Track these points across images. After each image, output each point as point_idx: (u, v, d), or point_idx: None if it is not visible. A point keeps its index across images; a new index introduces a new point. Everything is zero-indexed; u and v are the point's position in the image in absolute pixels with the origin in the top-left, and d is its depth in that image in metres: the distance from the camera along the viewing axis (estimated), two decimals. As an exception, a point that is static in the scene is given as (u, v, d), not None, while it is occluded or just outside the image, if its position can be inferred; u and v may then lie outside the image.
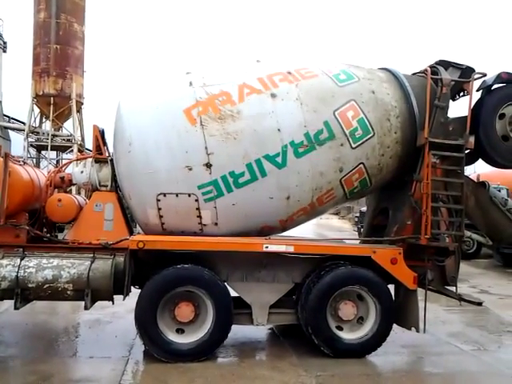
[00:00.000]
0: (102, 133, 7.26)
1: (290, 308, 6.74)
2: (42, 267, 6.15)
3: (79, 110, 31.03)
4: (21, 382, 5.59)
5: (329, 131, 6.60)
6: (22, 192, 6.50)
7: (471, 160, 7.55)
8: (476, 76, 7.23)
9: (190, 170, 6.28)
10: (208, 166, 6.26)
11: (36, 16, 30.09)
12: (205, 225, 6.54)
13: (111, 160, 7.13)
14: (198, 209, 6.42)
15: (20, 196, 6.46)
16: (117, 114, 6.80)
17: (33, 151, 32.54)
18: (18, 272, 6.06)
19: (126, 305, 6.99)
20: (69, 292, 6.15)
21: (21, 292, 6.09)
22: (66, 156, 30.37)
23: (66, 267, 6.18)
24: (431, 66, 7.51)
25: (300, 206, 6.83)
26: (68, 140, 31.06)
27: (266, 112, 6.43)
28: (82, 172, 7.12)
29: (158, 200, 6.37)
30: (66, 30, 29.58)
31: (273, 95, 6.52)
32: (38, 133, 31.31)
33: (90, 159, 7.21)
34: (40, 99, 29.64)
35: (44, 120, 31.65)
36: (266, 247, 6.29)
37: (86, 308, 6.22)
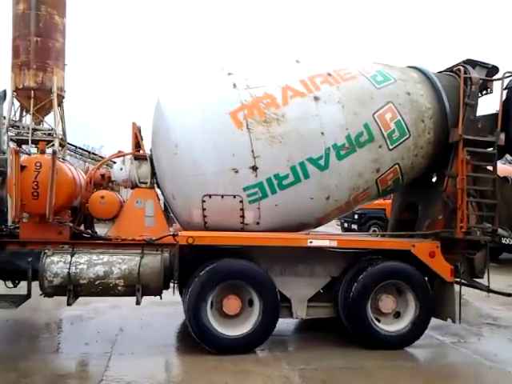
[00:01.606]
0: (139, 130, 7.29)
1: (328, 302, 6.99)
2: (93, 263, 6.26)
3: (60, 104, 30.35)
4: (1, 379, 5.41)
5: (368, 133, 6.77)
6: (68, 189, 6.60)
7: (498, 156, 7.79)
8: (507, 75, 7.42)
9: (236, 172, 6.41)
10: (254, 168, 6.40)
11: (15, 7, 29.00)
12: (247, 224, 6.72)
13: (150, 157, 7.20)
14: (241, 209, 6.58)
15: (66, 193, 6.56)
16: (158, 114, 6.83)
17: (13, 145, 31.78)
18: (69, 268, 6.17)
19: (108, 301, 7.03)
20: (119, 288, 6.28)
21: (73, 288, 6.21)
22: (48, 150, 29.56)
23: (116, 263, 6.31)
24: (459, 65, 7.67)
25: (337, 205, 7.06)
26: (49, 134, 30.26)
27: (310, 115, 6.55)
28: (121, 169, 7.19)
29: (204, 201, 6.50)
30: (46, 22, 28.63)
31: (316, 98, 6.63)
32: (18, 127, 30.46)
33: (129, 156, 7.26)
34: (20, 92, 28.88)
35: (24, 114, 30.84)
36: (311, 242, 6.48)
37: (137, 303, 6.35)
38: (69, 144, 31.60)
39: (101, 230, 7.45)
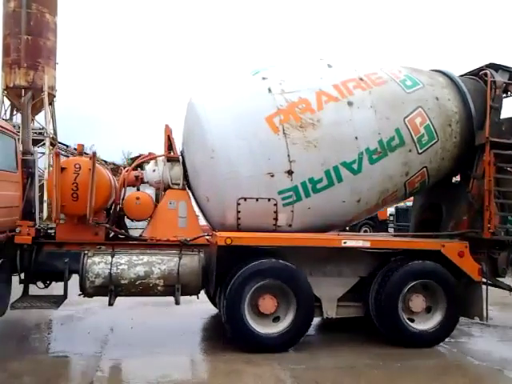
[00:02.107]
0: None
1: (357, 301, 7.14)
2: (133, 264, 6.37)
3: (51, 103, 30.08)
4: (-9, 380, 5.31)
5: (399, 138, 6.91)
6: (106, 191, 6.68)
7: None
8: None
9: (272, 176, 6.53)
10: (289, 172, 6.53)
11: (6, 5, 28.61)
12: (279, 226, 6.85)
13: (182, 159, 7.29)
14: (275, 212, 6.71)
15: (104, 195, 6.65)
16: (192, 117, 6.92)
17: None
18: (111, 269, 6.28)
19: (99, 301, 6.90)
20: (159, 288, 6.39)
21: (114, 288, 6.31)
22: (38, 150, 29.31)
23: (156, 263, 6.41)
24: (482, 69, 7.82)
25: (367, 207, 7.22)
26: (40, 133, 29.88)
27: (344, 120, 6.67)
28: (154, 171, 7.26)
29: (238, 204, 6.62)
30: (37, 20, 28.32)
31: (349, 103, 6.74)
32: (8, 126, 30.11)
33: (161, 158, 7.33)
34: (11, 91, 28.62)
35: (15, 113, 30.42)
36: (345, 243, 6.63)
37: (177, 303, 6.46)
38: (60, 143, 31.28)
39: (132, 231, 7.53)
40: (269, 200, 6.63)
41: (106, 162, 28.38)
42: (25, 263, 6.48)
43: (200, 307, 8.30)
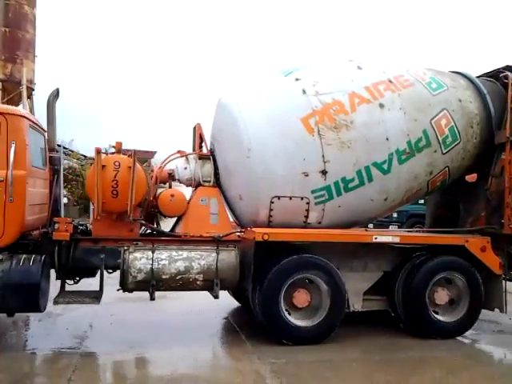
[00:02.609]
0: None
1: (382, 295, 7.41)
2: (173, 259, 6.47)
3: (30, 97, 29.17)
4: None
5: (426, 139, 7.16)
6: (144, 188, 6.75)
7: None
8: None
9: (306, 176, 6.72)
10: (324, 172, 6.72)
11: None
12: (309, 223, 7.06)
13: (213, 156, 7.41)
14: (307, 210, 6.91)
15: (143, 192, 6.73)
16: (226, 117, 7.04)
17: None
18: (152, 264, 6.39)
19: None
20: (198, 282, 6.52)
21: (155, 283, 6.42)
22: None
23: (195, 259, 6.54)
24: (499, 71, 8.11)
25: (392, 205, 7.49)
26: None
27: (376, 121, 6.88)
28: (185, 168, 7.36)
29: (272, 202, 6.80)
30: (15, 12, 27.31)
31: (381, 105, 6.95)
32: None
33: (193, 155, 7.44)
34: None
35: None
36: (376, 238, 6.87)
37: (216, 297, 6.62)
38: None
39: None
40: (302, 199, 6.82)
41: (85, 156, 28.10)
42: (62, 259, 6.54)
43: (178, 303, 8.37)
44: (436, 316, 7.08)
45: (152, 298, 6.45)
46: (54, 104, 7.15)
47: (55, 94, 7.13)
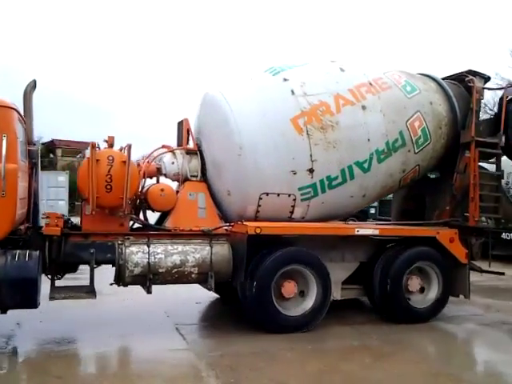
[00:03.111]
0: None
1: (359, 284, 7.89)
2: (169, 253, 6.60)
3: None
4: None
5: (402, 139, 7.67)
6: (137, 182, 6.84)
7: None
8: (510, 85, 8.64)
9: (295, 174, 7.04)
10: (311, 171, 7.07)
11: None
12: (293, 218, 7.42)
13: (200, 152, 7.56)
14: (292, 206, 7.27)
15: (136, 186, 6.83)
16: (216, 115, 7.20)
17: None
18: (149, 258, 6.49)
19: None
20: (193, 275, 6.69)
21: (152, 277, 6.54)
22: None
23: (190, 252, 6.68)
24: (463, 75, 8.76)
25: (368, 200, 8.04)
26: None
27: (359, 123, 7.30)
28: (172, 163, 7.46)
29: (260, 198, 7.09)
30: None
31: (363, 107, 7.36)
32: None
33: (179, 151, 7.55)
34: None
35: None
36: (358, 231, 7.33)
37: (210, 289, 6.83)
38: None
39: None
40: (289, 195, 7.15)
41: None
42: (53, 254, 6.52)
43: (114, 299, 8.10)
44: (410, 302, 7.62)
45: (149, 292, 6.59)
46: (31, 96, 6.95)
47: (32, 86, 6.94)
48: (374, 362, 5.90)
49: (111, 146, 6.78)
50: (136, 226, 7.42)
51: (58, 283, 6.77)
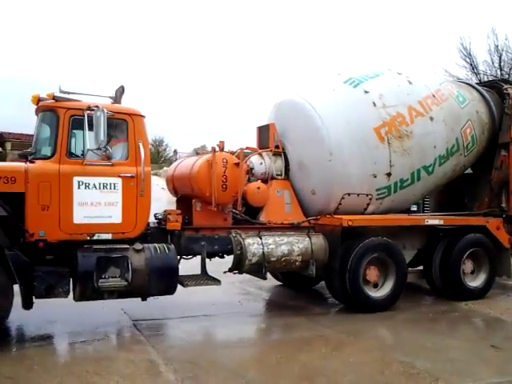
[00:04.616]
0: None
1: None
2: (278, 244, 7.46)
3: None
4: None
5: (457, 145, 8.86)
6: (244, 182, 7.72)
7: None
8: None
9: (375, 177, 8.10)
10: (388, 174, 8.15)
11: None
12: (365, 213, 8.50)
13: (284, 153, 8.45)
14: (368, 204, 8.34)
15: (243, 185, 7.70)
16: (305, 120, 8.06)
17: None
18: (263, 248, 7.37)
19: None
20: (297, 263, 7.56)
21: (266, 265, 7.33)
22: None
23: (295, 243, 7.56)
24: (496, 82, 10.03)
25: (423, 197, 9.20)
26: None
27: (428, 132, 8.40)
28: (261, 163, 8.33)
29: (343, 198, 8.11)
30: None
31: (431, 118, 8.46)
32: None
33: (266, 152, 8.41)
34: None
35: None
36: (427, 221, 8.50)
37: (311, 275, 7.70)
38: None
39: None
40: (367, 195, 8.22)
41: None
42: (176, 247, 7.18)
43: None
44: (466, 283, 8.81)
45: (265, 278, 7.56)
46: (120, 100, 7.34)
47: (121, 91, 7.24)
48: (330, 352, 6.03)
49: (222, 149, 7.58)
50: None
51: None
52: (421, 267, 9.20)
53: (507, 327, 7.47)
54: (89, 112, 6.41)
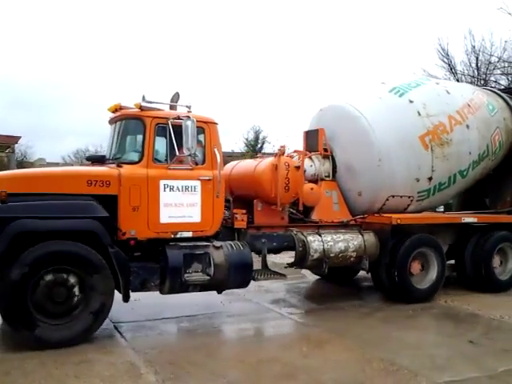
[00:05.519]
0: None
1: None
2: (335, 241, 8.12)
3: None
4: None
5: (487, 151, 9.67)
6: (302, 183, 8.37)
7: None
8: None
9: (418, 181, 8.84)
10: (430, 179, 8.91)
11: None
12: (405, 212, 9.27)
13: (332, 156, 9.12)
14: (408, 204, 9.09)
15: (302, 187, 8.35)
16: (355, 126, 8.70)
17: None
18: (323, 245, 8.04)
19: None
20: (352, 259, 8.25)
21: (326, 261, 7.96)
22: None
23: (350, 240, 8.22)
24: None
25: (453, 197, 10.03)
26: None
27: (464, 139, 9.16)
28: (311, 166, 8.98)
29: (387, 200, 8.82)
30: None
31: (467, 126, 9.21)
32: None
33: (315, 155, 9.05)
34: None
35: None
36: (463, 219, 9.27)
37: (364, 269, 8.52)
38: None
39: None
40: (409, 197, 8.96)
41: None
42: None
43: None
44: (497, 276, 9.64)
45: (325, 272, 8.26)
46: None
47: (177, 97, 7.86)
48: (312, 351, 6.09)
49: (283, 153, 8.20)
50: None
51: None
52: (451, 261, 9.99)
53: (484, 323, 7.70)
54: (172, 120, 6.96)
